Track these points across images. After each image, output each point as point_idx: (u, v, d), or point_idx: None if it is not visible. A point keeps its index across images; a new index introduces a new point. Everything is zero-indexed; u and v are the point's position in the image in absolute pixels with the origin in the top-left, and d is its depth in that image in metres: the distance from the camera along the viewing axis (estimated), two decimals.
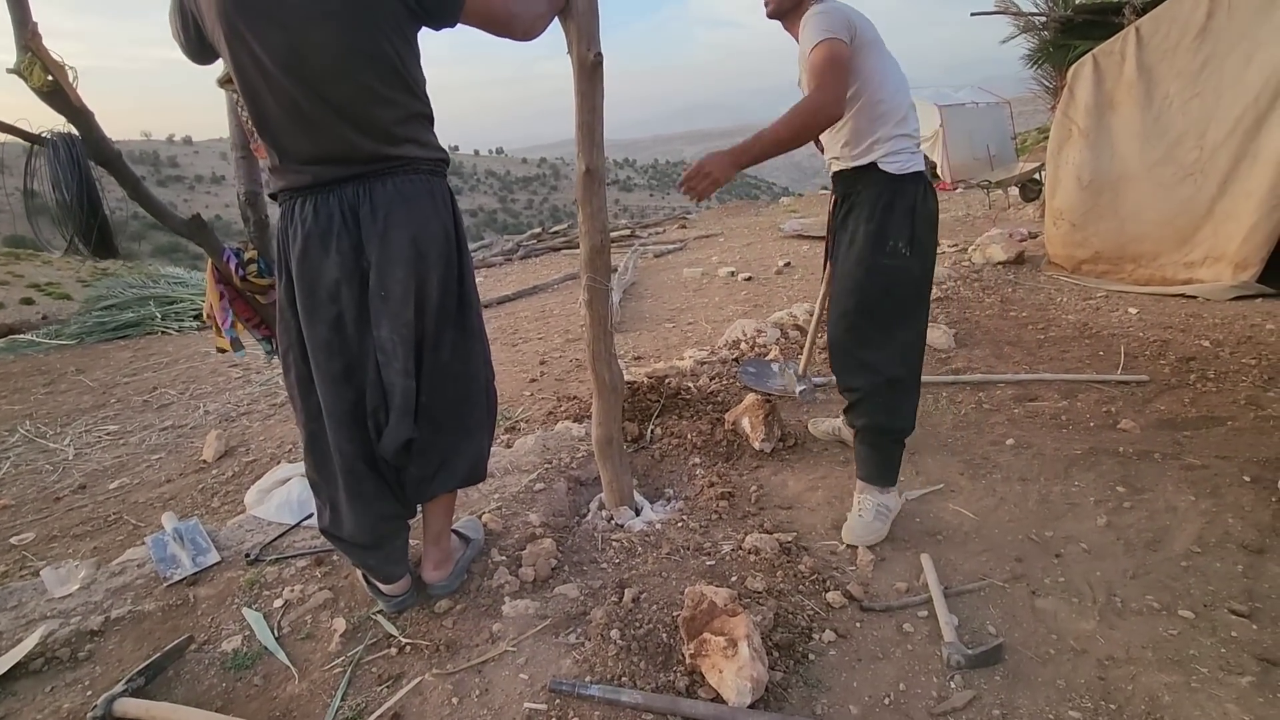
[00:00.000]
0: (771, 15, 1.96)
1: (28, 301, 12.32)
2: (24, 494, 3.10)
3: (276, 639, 1.64)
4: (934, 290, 4.38)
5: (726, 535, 1.99)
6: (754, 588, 1.70)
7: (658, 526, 2.06)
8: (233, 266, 1.96)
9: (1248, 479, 2.17)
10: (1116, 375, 3.09)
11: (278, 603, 1.77)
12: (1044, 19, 7.18)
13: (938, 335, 3.57)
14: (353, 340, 1.46)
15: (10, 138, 1.69)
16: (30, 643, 1.61)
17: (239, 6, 1.28)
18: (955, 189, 13.24)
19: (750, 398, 2.67)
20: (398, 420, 1.48)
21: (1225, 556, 1.83)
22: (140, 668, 1.52)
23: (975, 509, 2.12)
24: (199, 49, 1.46)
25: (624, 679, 1.43)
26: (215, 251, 1.97)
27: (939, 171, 14.35)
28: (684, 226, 12.45)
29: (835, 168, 2.02)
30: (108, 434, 3.77)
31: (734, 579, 1.75)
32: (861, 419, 1.97)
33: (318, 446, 1.55)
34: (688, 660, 1.44)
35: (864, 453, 2.01)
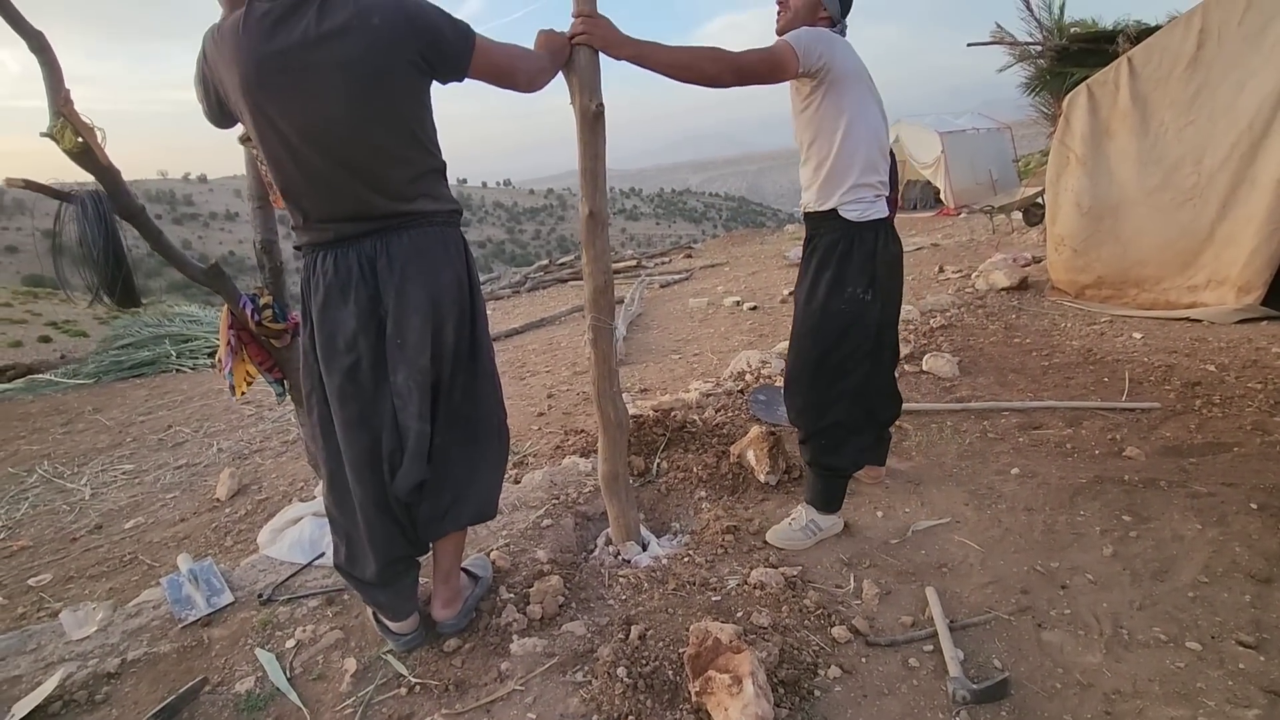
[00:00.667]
0: (781, 34, 2.02)
1: (45, 339, 12.56)
2: (41, 534, 3.16)
3: (289, 679, 1.67)
4: (936, 318, 4.44)
5: (732, 570, 2.00)
6: (759, 623, 1.71)
7: (664, 562, 2.08)
8: (249, 312, 2.03)
9: (1255, 506, 2.17)
10: (1122, 402, 3.10)
11: (290, 643, 1.80)
12: (1040, 48, 7.32)
13: (941, 364, 3.60)
14: (368, 387, 1.51)
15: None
16: (49, 686, 1.64)
17: (261, 84, 1.35)
18: (959, 214, 13.32)
19: (754, 430, 2.69)
20: (410, 463, 1.53)
21: (1233, 586, 1.82)
22: (155, 711, 1.55)
23: (980, 540, 2.13)
24: (220, 116, 1.54)
25: (630, 717, 1.45)
26: (233, 299, 2.04)
27: (942, 197, 14.48)
28: (690, 256, 12.59)
29: (803, 208, 2.11)
30: (123, 473, 3.83)
31: (739, 614, 1.76)
32: (807, 455, 2.15)
33: (337, 484, 1.61)
34: (693, 698, 1.45)
35: (810, 480, 2.18)
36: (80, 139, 1.68)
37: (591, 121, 1.86)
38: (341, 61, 1.34)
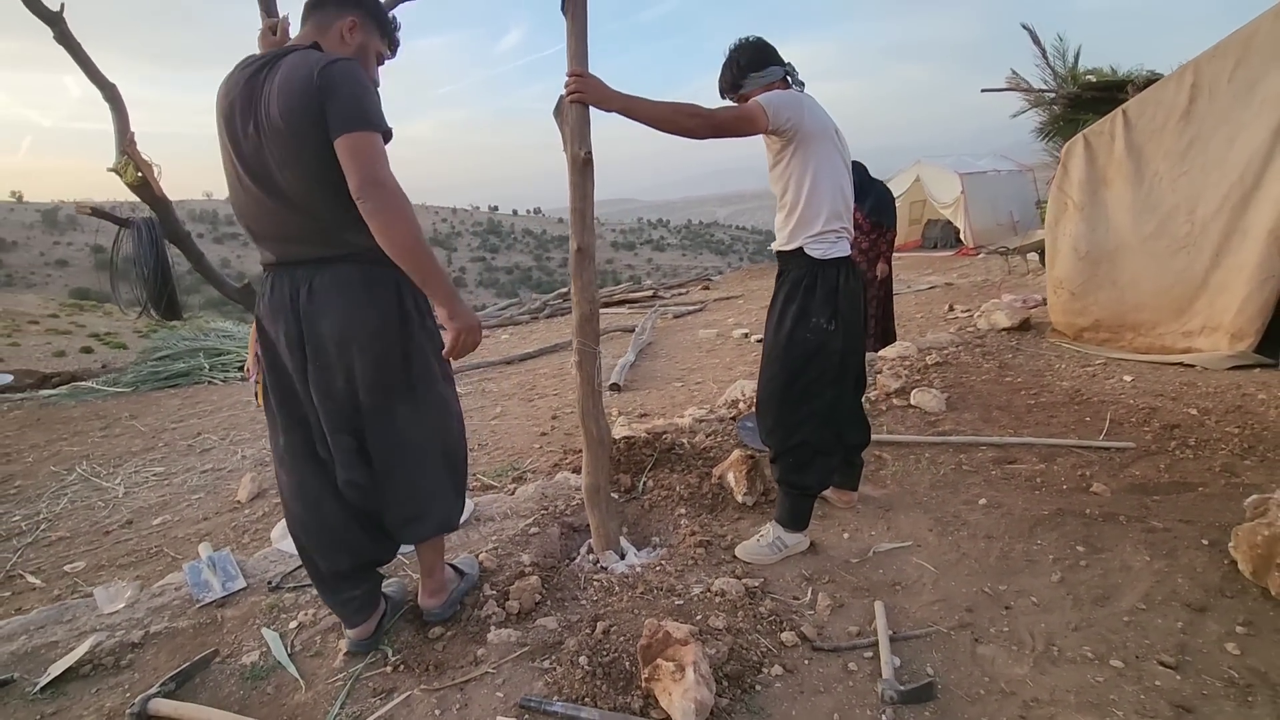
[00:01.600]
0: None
1: (87, 350, 13.15)
2: (78, 527, 3.42)
3: (289, 655, 1.86)
4: (933, 355, 4.58)
5: (699, 579, 2.16)
6: (715, 625, 1.86)
7: (638, 569, 2.25)
8: None
9: (1206, 542, 2.27)
10: (1098, 441, 3.20)
11: (293, 624, 2.00)
12: (1053, 94, 7.50)
13: (928, 398, 3.73)
14: (301, 396, 1.69)
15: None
16: (80, 651, 1.85)
17: (227, 118, 1.56)
18: (978, 254, 13.40)
19: (735, 454, 2.86)
20: (339, 468, 1.70)
21: (1168, 614, 1.93)
22: (172, 674, 1.75)
23: (937, 563, 2.26)
24: None
25: (587, 699, 1.61)
26: None
27: (961, 237, 14.59)
28: (707, 288, 12.82)
29: (775, 248, 2.32)
30: (154, 475, 4.10)
31: (698, 617, 1.92)
32: (776, 473, 2.32)
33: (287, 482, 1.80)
34: (643, 684, 1.61)
35: (780, 499, 2.34)
36: (140, 174, 1.96)
37: (581, 167, 2.10)
38: (280, 112, 1.48)
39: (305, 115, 1.47)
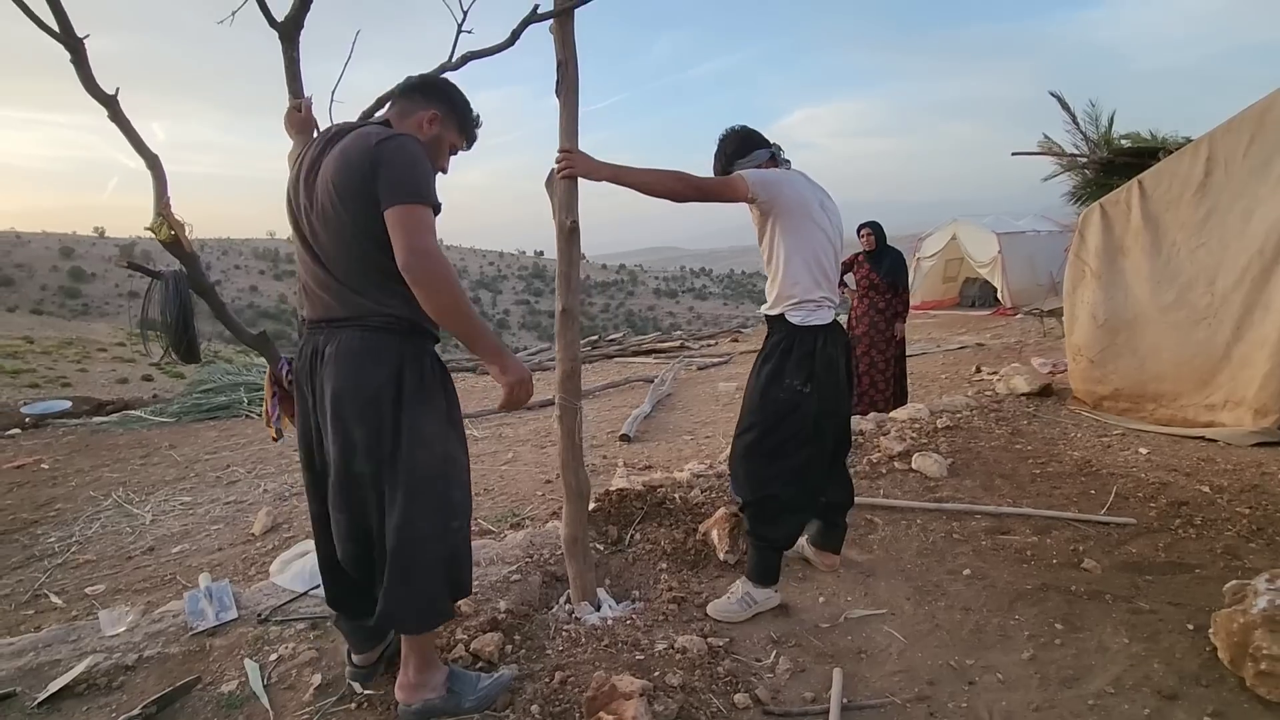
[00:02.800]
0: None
1: (148, 378, 13.85)
2: (104, 551, 3.63)
3: (265, 687, 1.97)
4: (944, 418, 4.55)
5: (666, 635, 2.20)
6: (670, 682, 1.90)
7: (609, 622, 2.30)
8: (284, 372, 2.46)
9: (1191, 627, 2.21)
10: (1099, 516, 3.14)
11: (273, 656, 2.11)
12: (1085, 159, 7.51)
13: (929, 463, 3.71)
14: (318, 453, 1.76)
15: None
16: (76, 671, 1.99)
17: (291, 185, 1.73)
18: (1015, 314, 13.19)
19: (721, 511, 2.91)
20: (336, 540, 1.74)
21: (1136, 699, 1.89)
22: (154, 698, 1.87)
23: (908, 633, 2.25)
24: None
25: None
26: (273, 360, 2.48)
27: (999, 296, 14.40)
28: (736, 340, 12.90)
29: (762, 311, 2.44)
30: (181, 504, 4.33)
31: (656, 673, 1.95)
32: (746, 525, 2.42)
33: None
34: None
35: (750, 553, 2.43)
36: (173, 232, 2.19)
37: (567, 234, 2.25)
38: (334, 175, 1.61)
39: (357, 182, 1.57)
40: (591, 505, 3.18)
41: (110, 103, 1.97)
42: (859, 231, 5.33)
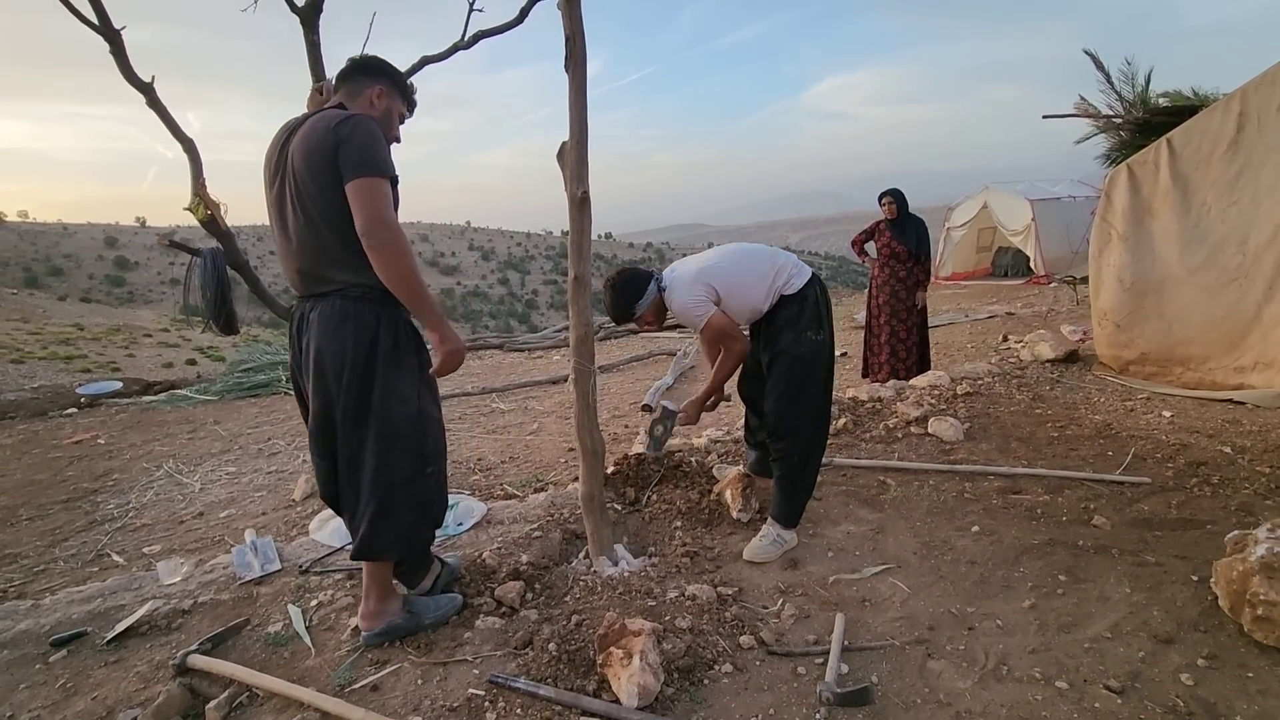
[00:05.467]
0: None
1: (191, 362, 14.39)
2: (158, 517, 3.88)
3: (306, 628, 2.14)
4: (964, 385, 4.56)
5: (678, 585, 2.31)
6: (679, 625, 2.01)
7: (625, 574, 2.42)
8: None
9: (1195, 579, 2.25)
10: (1113, 475, 3.15)
11: (314, 603, 2.28)
12: (1120, 120, 7.28)
13: (945, 427, 3.74)
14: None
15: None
16: (140, 613, 2.19)
17: (265, 175, 1.90)
18: (1049, 283, 12.90)
19: (733, 472, 3.00)
20: (319, 483, 2.00)
21: (1132, 643, 1.95)
22: (209, 635, 2.05)
23: (912, 584, 2.33)
24: None
25: (549, 680, 1.80)
26: None
27: (1031, 265, 14.07)
28: None
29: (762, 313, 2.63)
30: (227, 474, 4.59)
31: (667, 617, 2.07)
32: (781, 469, 2.59)
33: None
34: (599, 669, 1.79)
35: (779, 497, 2.61)
36: (209, 212, 2.33)
37: (579, 205, 2.34)
38: (302, 158, 1.78)
39: (322, 161, 1.73)
40: (610, 469, 3.31)
41: (147, 90, 2.10)
42: (880, 200, 5.29)
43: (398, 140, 2.04)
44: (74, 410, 7.20)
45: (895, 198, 5.23)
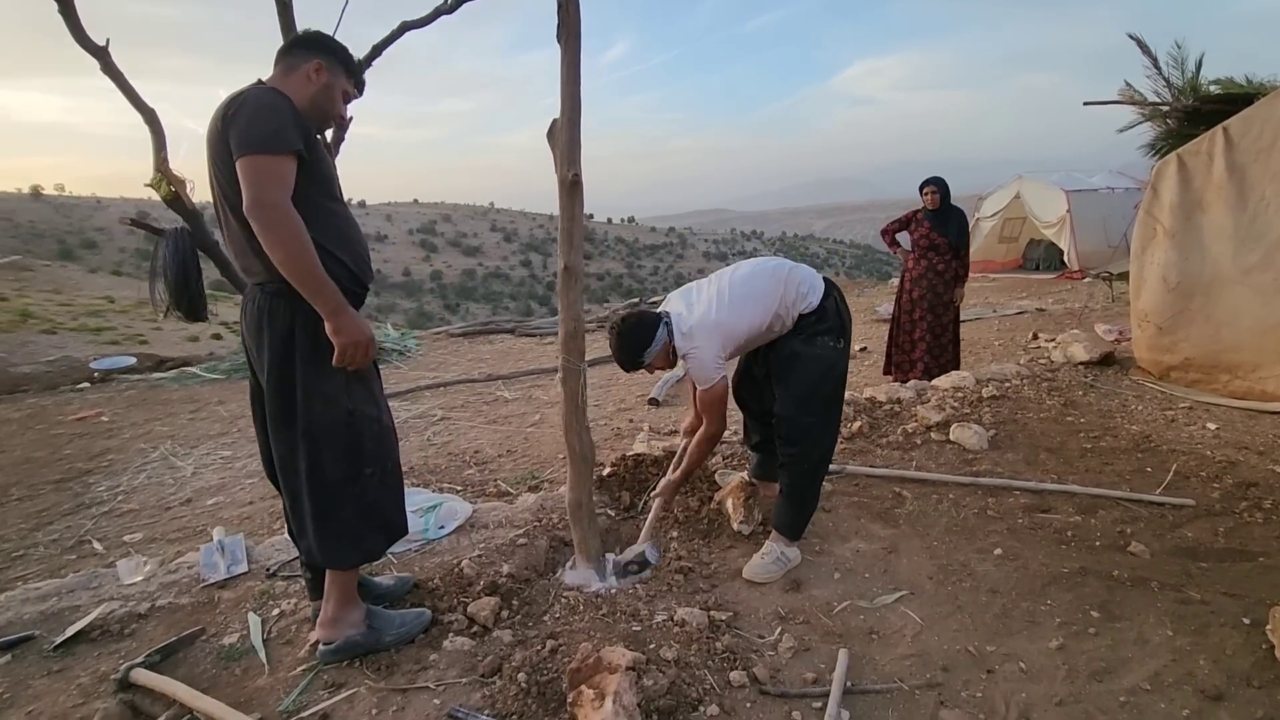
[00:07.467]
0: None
1: (216, 336, 14.47)
2: (146, 502, 3.78)
3: (264, 640, 1.99)
4: (990, 387, 4.29)
5: (667, 606, 2.12)
6: (664, 656, 1.83)
7: (612, 591, 2.24)
8: None
9: (1247, 621, 2.01)
10: (1153, 495, 2.89)
11: (276, 611, 2.13)
12: (1167, 107, 6.85)
13: (968, 435, 3.50)
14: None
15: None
16: (90, 618, 2.06)
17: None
18: (1083, 278, 12.41)
19: (735, 479, 2.79)
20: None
21: (1175, 699, 1.73)
22: (159, 647, 1.91)
23: (926, 614, 2.12)
24: None
25: (514, 716, 1.63)
26: None
27: (1065, 259, 13.55)
28: None
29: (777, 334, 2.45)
30: (221, 458, 4.48)
31: (651, 645, 1.88)
32: (790, 476, 2.40)
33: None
34: (569, 708, 1.61)
35: (785, 507, 2.42)
36: (174, 189, 2.16)
37: (569, 189, 2.13)
38: (208, 143, 1.68)
39: (218, 146, 1.63)
40: (606, 470, 3.13)
41: (101, 54, 1.93)
42: (922, 189, 4.94)
43: (343, 119, 1.93)
44: (86, 385, 7.19)
45: (939, 187, 4.90)
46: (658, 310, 2.49)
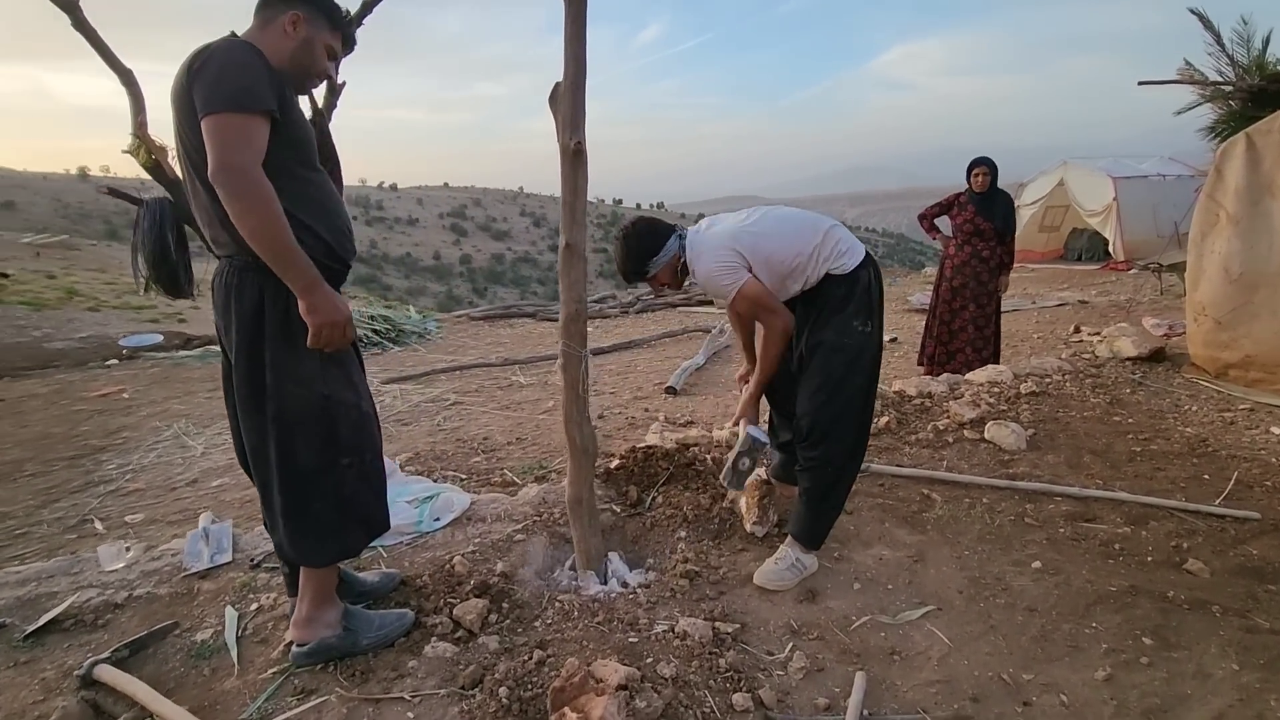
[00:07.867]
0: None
1: None
2: (153, 481, 3.74)
3: (238, 638, 1.87)
4: (1029, 383, 4.02)
5: (669, 615, 1.96)
6: (662, 673, 1.66)
7: (612, 595, 2.08)
8: None
9: None
10: (1212, 506, 2.63)
11: (254, 606, 2.02)
12: (1231, 87, 6.39)
13: (1005, 434, 3.25)
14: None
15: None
16: (62, 606, 1.97)
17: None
18: (1129, 269, 11.84)
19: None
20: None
21: None
22: (127, 641, 1.81)
23: (955, 633, 1.92)
24: None
25: None
26: None
27: (1110, 249, 12.94)
28: None
29: (797, 293, 2.21)
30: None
31: (648, 660, 1.73)
32: (810, 481, 2.18)
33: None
34: None
35: (803, 514, 2.21)
36: (153, 157, 2.03)
37: (572, 158, 1.95)
38: (172, 103, 1.52)
39: (183, 105, 1.48)
40: (614, 462, 2.97)
41: (72, 8, 1.79)
42: (970, 171, 4.64)
43: (328, 77, 1.73)
44: (114, 361, 7.27)
45: (990, 168, 4.60)
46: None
